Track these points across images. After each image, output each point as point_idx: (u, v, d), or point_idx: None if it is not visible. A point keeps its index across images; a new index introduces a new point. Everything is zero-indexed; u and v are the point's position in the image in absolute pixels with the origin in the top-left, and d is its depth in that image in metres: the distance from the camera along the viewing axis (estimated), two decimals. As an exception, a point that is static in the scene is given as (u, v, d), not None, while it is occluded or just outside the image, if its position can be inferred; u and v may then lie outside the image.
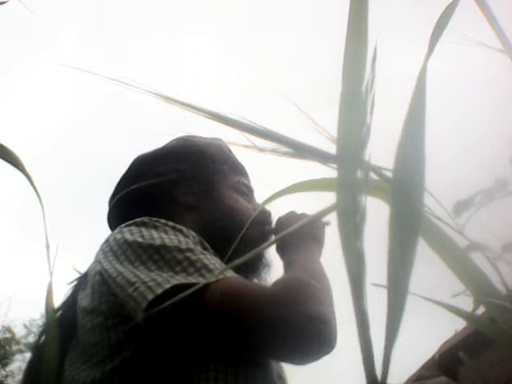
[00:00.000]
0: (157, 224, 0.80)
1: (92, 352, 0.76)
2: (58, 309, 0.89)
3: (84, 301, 0.82)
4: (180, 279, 0.68)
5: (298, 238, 0.90)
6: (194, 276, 0.69)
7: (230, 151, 1.06)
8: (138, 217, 0.84)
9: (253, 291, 0.70)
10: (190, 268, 0.71)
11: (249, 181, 1.07)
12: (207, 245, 0.82)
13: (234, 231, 0.86)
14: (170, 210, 0.96)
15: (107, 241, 0.82)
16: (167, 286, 0.67)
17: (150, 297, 0.67)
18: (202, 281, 0.68)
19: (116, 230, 0.83)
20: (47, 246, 0.48)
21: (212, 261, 0.73)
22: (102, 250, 0.82)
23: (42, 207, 0.50)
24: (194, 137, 1.05)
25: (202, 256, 0.73)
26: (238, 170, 1.05)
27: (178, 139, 1.04)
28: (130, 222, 0.83)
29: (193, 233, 0.82)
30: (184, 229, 0.81)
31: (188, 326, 0.68)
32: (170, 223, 0.82)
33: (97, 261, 0.82)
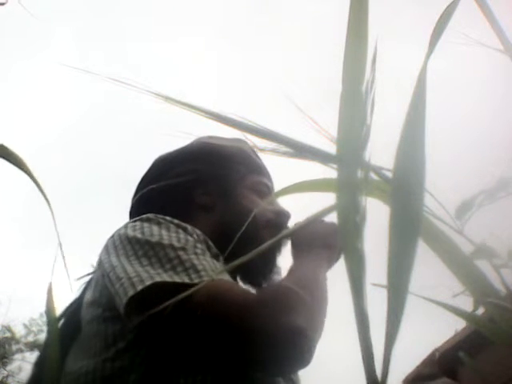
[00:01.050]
0: (161, 221, 0.81)
1: (90, 343, 0.77)
2: (70, 305, 0.90)
3: (88, 294, 0.84)
4: (164, 277, 0.69)
5: (310, 244, 0.89)
6: (180, 275, 0.70)
7: (252, 152, 1.06)
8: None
9: (236, 297, 0.70)
10: (178, 267, 0.71)
11: (270, 181, 1.07)
12: (211, 244, 0.82)
13: (247, 233, 0.87)
14: (186, 211, 0.96)
15: (112, 236, 0.84)
16: (148, 282, 0.68)
17: (131, 293, 0.68)
18: (186, 281, 0.68)
19: (122, 225, 0.84)
20: (59, 246, 0.48)
21: (203, 262, 0.73)
22: (106, 244, 0.83)
23: (50, 206, 0.50)
24: (214, 137, 1.05)
25: (193, 256, 0.73)
26: (258, 170, 1.04)
27: (198, 140, 1.05)
28: (137, 217, 0.84)
29: (198, 231, 0.82)
30: (189, 227, 0.81)
31: (168, 324, 0.68)
32: (176, 221, 0.82)
33: (101, 254, 0.83)
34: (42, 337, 10.32)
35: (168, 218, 0.82)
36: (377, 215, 0.39)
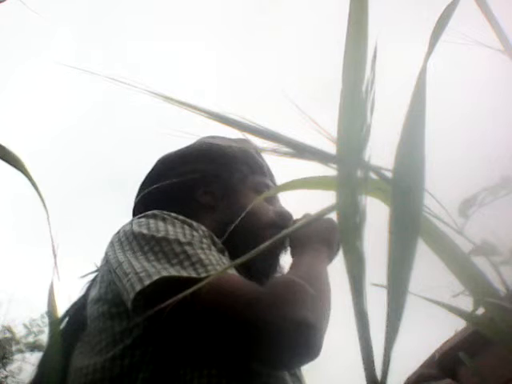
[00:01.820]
0: (166, 217, 0.81)
1: (96, 340, 0.77)
2: (74, 303, 0.91)
3: (93, 291, 0.84)
4: (171, 272, 0.69)
5: (309, 240, 0.90)
6: (187, 270, 0.70)
7: (256, 152, 1.06)
8: None
9: (243, 289, 0.70)
10: (185, 261, 0.71)
11: (273, 182, 1.07)
12: (217, 240, 0.83)
13: (250, 232, 0.87)
14: (188, 210, 0.96)
15: (118, 232, 0.84)
16: (155, 277, 0.68)
17: (138, 288, 0.68)
18: (193, 275, 0.69)
19: (127, 222, 0.84)
20: (53, 250, 0.48)
21: (209, 256, 0.73)
22: (111, 240, 0.83)
23: (46, 209, 0.50)
24: (218, 137, 1.05)
25: (199, 251, 0.74)
26: (262, 171, 1.05)
27: (202, 139, 1.05)
28: (142, 214, 0.84)
29: (203, 227, 0.82)
30: (194, 223, 0.82)
31: (175, 318, 0.68)
32: (181, 217, 0.82)
33: (107, 250, 0.83)
34: (43, 337, 10.33)
35: (173, 214, 0.83)
36: (377, 215, 0.39)
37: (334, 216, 0.40)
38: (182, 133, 0.50)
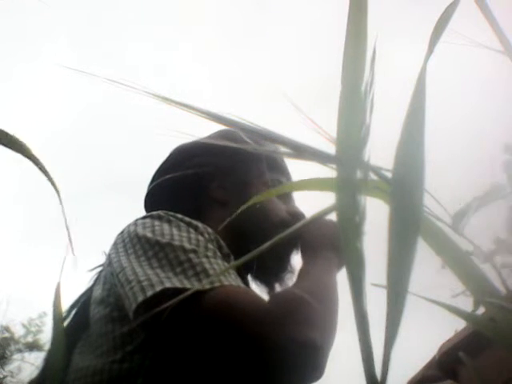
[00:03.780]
0: (171, 219, 0.80)
1: (98, 343, 0.77)
2: (83, 295, 0.90)
3: (96, 291, 0.83)
4: (175, 282, 0.67)
5: (320, 246, 0.88)
6: (190, 280, 0.68)
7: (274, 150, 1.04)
8: (169, 206, 0.84)
9: (247, 305, 0.68)
10: (189, 271, 0.69)
11: (289, 181, 1.03)
12: (223, 243, 0.81)
13: (261, 231, 0.86)
14: (199, 203, 0.95)
15: (122, 232, 0.82)
16: (158, 288, 0.66)
17: (140, 299, 0.66)
18: (197, 286, 0.67)
19: (132, 222, 0.83)
20: (69, 238, 0.48)
21: (214, 265, 0.71)
22: (115, 241, 0.82)
23: (58, 193, 0.49)
24: (236, 132, 1.03)
25: (204, 259, 0.72)
26: (278, 168, 1.02)
27: (219, 133, 1.02)
28: (147, 214, 0.83)
29: (209, 230, 0.81)
30: (200, 225, 0.80)
31: (178, 330, 0.67)
32: (186, 219, 0.80)
33: (110, 251, 0.82)
34: (41, 337, 10.33)
35: (179, 215, 0.81)
36: (377, 215, 0.39)
37: (333, 216, 0.40)
38: (180, 133, 0.49)
